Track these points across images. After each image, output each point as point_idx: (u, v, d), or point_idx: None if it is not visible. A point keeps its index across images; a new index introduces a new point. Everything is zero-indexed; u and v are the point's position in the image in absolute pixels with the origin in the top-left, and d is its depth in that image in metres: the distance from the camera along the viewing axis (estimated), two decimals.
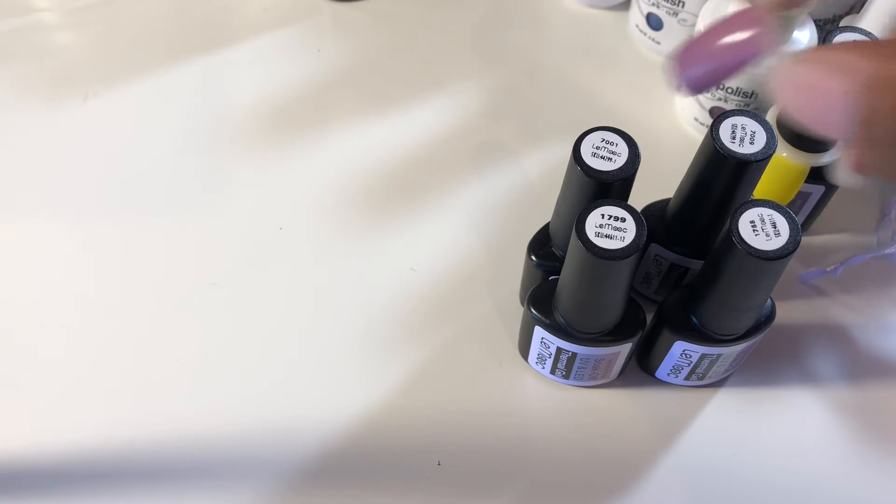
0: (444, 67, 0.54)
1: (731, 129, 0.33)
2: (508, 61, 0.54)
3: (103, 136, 0.51)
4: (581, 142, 0.33)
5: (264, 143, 0.50)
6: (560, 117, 0.51)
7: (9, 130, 0.51)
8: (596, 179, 0.32)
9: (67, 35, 0.56)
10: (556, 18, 0.57)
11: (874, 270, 0.45)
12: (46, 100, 0.52)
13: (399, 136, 0.51)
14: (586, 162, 0.32)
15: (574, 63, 0.54)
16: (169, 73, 0.54)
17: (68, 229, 0.47)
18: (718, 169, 0.33)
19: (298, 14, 0.57)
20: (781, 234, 0.30)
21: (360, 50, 0.55)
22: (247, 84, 0.53)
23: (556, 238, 0.38)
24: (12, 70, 0.54)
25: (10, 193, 0.48)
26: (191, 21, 0.57)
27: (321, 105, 0.52)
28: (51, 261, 0.45)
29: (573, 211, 0.34)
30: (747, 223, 0.30)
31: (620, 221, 0.30)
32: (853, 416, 0.40)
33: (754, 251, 0.30)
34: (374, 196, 0.48)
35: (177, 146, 0.50)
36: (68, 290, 0.44)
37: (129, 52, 0.55)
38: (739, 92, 0.45)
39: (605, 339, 0.36)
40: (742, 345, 0.36)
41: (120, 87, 0.53)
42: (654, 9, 0.51)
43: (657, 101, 0.52)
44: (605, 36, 0.56)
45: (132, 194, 0.48)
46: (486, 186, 0.48)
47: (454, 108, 0.52)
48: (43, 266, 0.45)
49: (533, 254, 0.39)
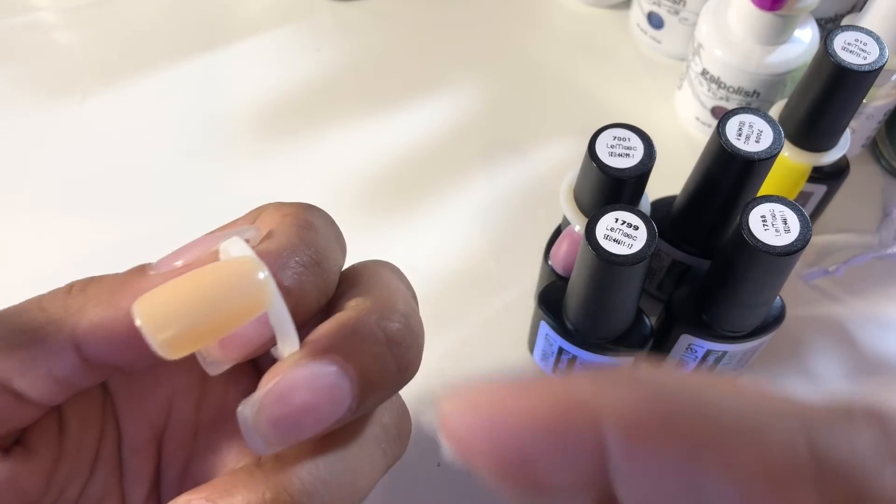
0: (444, 66, 0.54)
1: (738, 126, 0.33)
2: (509, 60, 0.54)
3: (101, 135, 0.50)
4: (595, 140, 0.32)
5: (264, 142, 0.50)
6: (561, 116, 0.51)
7: (6, 129, 0.50)
8: (614, 177, 0.32)
9: (65, 34, 0.56)
10: (557, 17, 0.57)
11: (876, 270, 0.45)
12: (44, 99, 0.52)
13: (401, 135, 0.50)
14: (603, 160, 0.32)
15: (575, 62, 0.54)
16: (168, 72, 0.53)
17: (66, 228, 0.46)
18: (725, 167, 0.33)
19: (298, 13, 0.57)
20: (791, 229, 0.30)
21: (361, 49, 0.55)
22: (246, 83, 0.53)
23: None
24: (10, 69, 0.53)
25: (8, 192, 0.48)
26: (189, 20, 0.56)
27: (321, 104, 0.52)
28: (49, 260, 0.45)
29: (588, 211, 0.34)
30: (758, 218, 0.30)
31: (633, 228, 0.30)
32: None
33: (764, 246, 0.30)
34: (376, 195, 0.48)
35: (175, 145, 0.50)
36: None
37: (128, 51, 0.54)
38: (741, 91, 0.45)
39: (607, 346, 0.36)
40: (748, 343, 0.36)
41: (118, 86, 0.53)
42: (656, 7, 0.51)
43: (658, 100, 0.52)
44: (605, 35, 0.56)
45: (131, 193, 0.48)
46: (491, 185, 0.48)
47: (455, 107, 0.52)
48: (41, 266, 0.45)
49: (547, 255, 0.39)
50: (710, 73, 0.46)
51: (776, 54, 0.44)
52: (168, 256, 0.21)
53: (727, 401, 0.13)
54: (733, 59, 0.44)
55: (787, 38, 0.44)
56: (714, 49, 0.45)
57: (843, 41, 0.35)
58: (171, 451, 0.24)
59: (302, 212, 0.23)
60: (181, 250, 0.21)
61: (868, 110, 0.44)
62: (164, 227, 0.46)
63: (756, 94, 0.45)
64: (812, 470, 0.12)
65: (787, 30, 0.43)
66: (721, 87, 0.46)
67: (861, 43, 0.35)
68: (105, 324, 0.20)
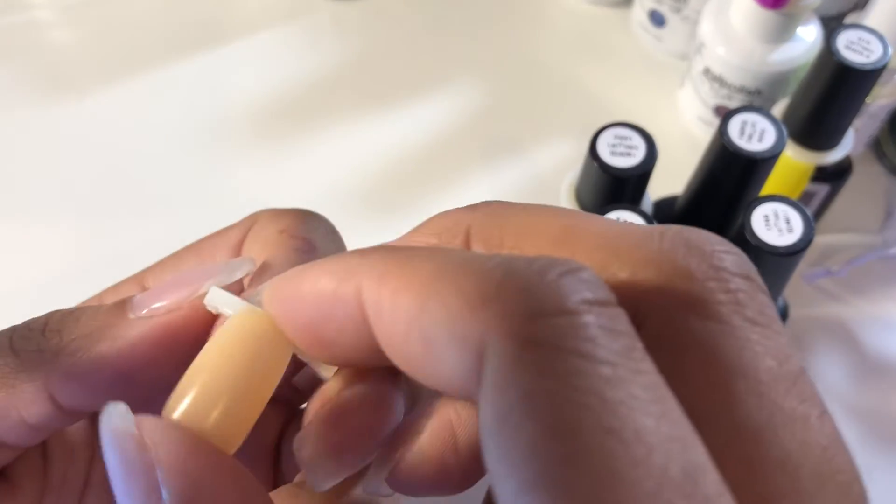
0: (444, 65, 0.54)
1: (741, 125, 0.32)
2: (509, 59, 0.54)
3: (99, 134, 0.50)
4: (597, 139, 0.32)
5: (263, 141, 0.50)
6: (562, 115, 0.51)
7: (4, 128, 0.50)
8: (616, 176, 0.32)
9: (63, 32, 0.55)
10: (558, 16, 0.56)
11: (880, 270, 0.44)
12: (42, 98, 0.52)
13: (400, 134, 0.50)
14: (604, 159, 0.32)
15: (576, 60, 0.54)
16: (166, 71, 0.53)
17: (64, 228, 0.46)
18: (727, 166, 0.33)
19: (296, 12, 0.56)
20: (794, 229, 0.30)
21: (360, 48, 0.55)
22: (245, 82, 0.53)
23: None
24: (7, 68, 0.53)
25: (5, 192, 0.47)
26: (188, 19, 0.56)
27: (320, 104, 0.52)
28: (47, 260, 0.45)
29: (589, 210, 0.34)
30: (760, 218, 0.30)
31: None
32: (858, 416, 0.40)
33: (767, 246, 0.29)
34: (376, 195, 0.47)
35: (174, 144, 0.50)
36: (65, 290, 0.44)
37: (126, 50, 0.54)
38: (744, 90, 0.45)
39: None
40: None
41: (116, 85, 0.52)
42: (658, 6, 0.51)
43: (660, 98, 0.51)
44: (607, 33, 0.55)
45: (129, 193, 0.48)
46: (491, 185, 0.48)
47: (455, 107, 0.51)
48: (39, 265, 0.45)
49: None
50: (712, 72, 0.45)
51: (779, 53, 0.43)
52: (148, 294, 0.19)
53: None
54: (736, 58, 0.44)
55: (789, 37, 0.43)
56: (716, 47, 0.44)
57: (847, 40, 0.34)
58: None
59: (300, 225, 0.22)
60: (162, 289, 0.19)
61: (871, 109, 0.44)
62: (161, 227, 0.46)
63: (759, 93, 0.45)
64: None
65: (790, 28, 0.43)
66: (723, 85, 0.45)
67: (864, 41, 0.34)
68: (81, 374, 0.19)
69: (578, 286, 0.13)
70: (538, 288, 0.13)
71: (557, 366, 0.12)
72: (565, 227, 0.16)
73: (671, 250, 0.15)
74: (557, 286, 0.13)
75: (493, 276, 0.13)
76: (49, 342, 0.19)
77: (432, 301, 0.14)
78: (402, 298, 0.14)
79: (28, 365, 0.19)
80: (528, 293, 0.13)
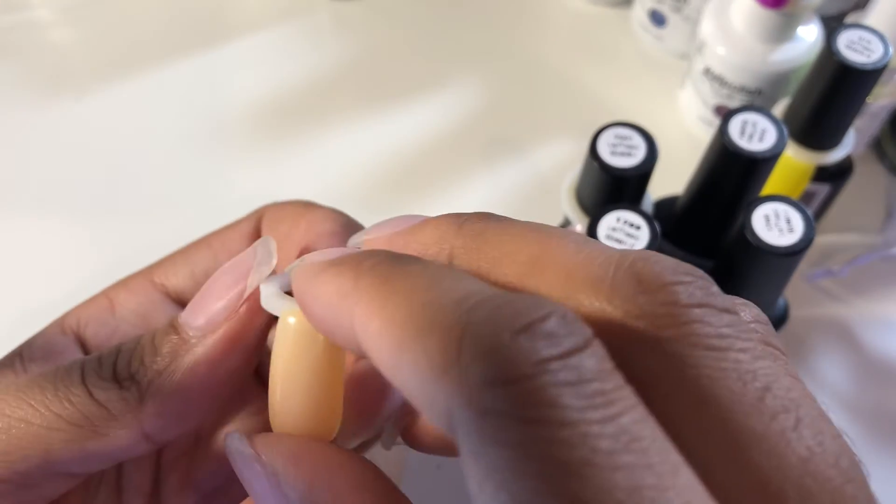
0: (444, 64, 0.54)
1: (742, 125, 0.32)
2: (510, 58, 0.54)
3: (98, 134, 0.50)
4: (597, 139, 0.32)
5: (263, 141, 0.50)
6: (562, 115, 0.51)
7: (3, 128, 0.50)
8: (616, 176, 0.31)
9: (62, 32, 0.55)
10: (558, 15, 0.56)
11: (881, 270, 0.44)
12: (41, 97, 0.51)
13: (401, 134, 0.50)
14: (605, 159, 0.32)
15: (576, 60, 0.54)
16: (165, 71, 0.53)
17: (63, 228, 0.46)
18: (728, 166, 0.33)
19: (296, 12, 0.56)
20: (795, 229, 0.30)
21: (360, 47, 0.55)
22: (245, 81, 0.53)
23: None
24: (6, 67, 0.53)
25: (4, 192, 0.47)
26: (187, 18, 0.56)
27: (320, 103, 0.52)
28: (46, 260, 0.45)
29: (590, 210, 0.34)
30: (761, 218, 0.30)
31: (635, 228, 0.30)
32: (859, 416, 0.40)
33: (767, 246, 0.29)
34: (376, 194, 0.47)
35: (173, 144, 0.50)
36: (64, 289, 0.44)
37: (125, 50, 0.54)
38: (745, 89, 0.45)
39: None
40: None
41: (115, 84, 0.52)
42: (658, 5, 0.51)
43: (660, 98, 0.51)
44: (607, 33, 0.55)
45: (128, 192, 0.47)
46: (492, 184, 0.48)
47: (456, 106, 0.51)
48: (38, 265, 0.45)
49: None
50: (713, 72, 0.45)
51: (780, 52, 0.43)
52: (194, 308, 0.20)
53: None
54: (736, 57, 0.44)
55: (790, 36, 0.43)
56: (717, 47, 0.44)
57: (848, 39, 0.34)
58: (171, 460, 0.24)
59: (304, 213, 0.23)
60: (207, 297, 0.20)
61: (872, 109, 0.44)
62: (160, 226, 0.46)
63: (759, 93, 0.45)
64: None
65: (791, 27, 0.43)
66: (724, 85, 0.45)
67: (865, 41, 0.34)
68: (170, 413, 0.20)
69: (535, 344, 0.13)
70: (495, 352, 0.13)
71: (513, 436, 0.12)
72: (533, 256, 0.16)
73: (623, 286, 0.15)
74: (512, 350, 0.13)
75: (453, 334, 0.13)
76: (129, 391, 0.20)
77: (405, 356, 0.14)
78: (384, 342, 0.14)
79: (116, 412, 0.19)
80: (484, 359, 0.13)
